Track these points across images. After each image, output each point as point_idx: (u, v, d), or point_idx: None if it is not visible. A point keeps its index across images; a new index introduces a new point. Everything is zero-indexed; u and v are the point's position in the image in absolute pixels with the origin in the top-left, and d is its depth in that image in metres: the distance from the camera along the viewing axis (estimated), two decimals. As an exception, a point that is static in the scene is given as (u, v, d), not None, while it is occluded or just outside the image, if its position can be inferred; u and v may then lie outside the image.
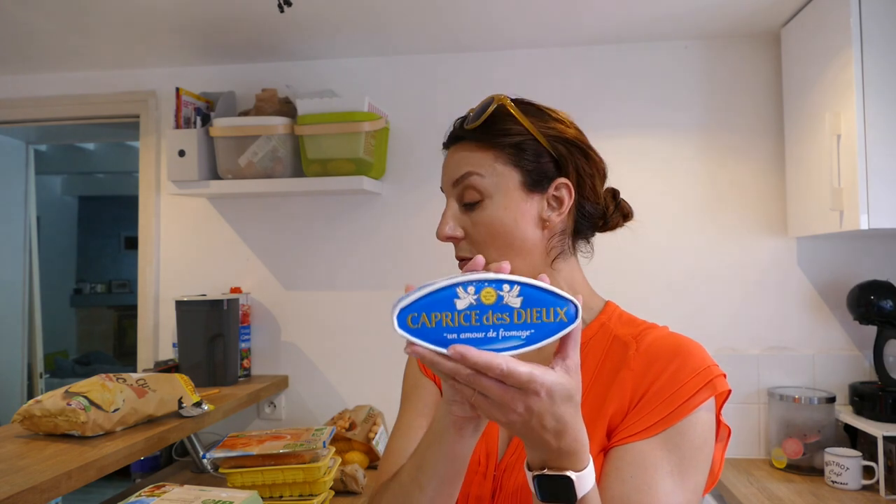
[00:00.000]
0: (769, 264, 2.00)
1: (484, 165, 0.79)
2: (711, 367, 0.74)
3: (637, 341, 0.78)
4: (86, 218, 6.24)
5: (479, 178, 0.79)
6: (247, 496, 1.25)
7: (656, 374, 0.74)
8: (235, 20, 1.87)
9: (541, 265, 0.81)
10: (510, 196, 0.79)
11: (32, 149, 3.10)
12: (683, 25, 1.94)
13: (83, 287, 6.27)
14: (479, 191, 0.79)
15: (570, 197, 0.81)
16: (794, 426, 1.81)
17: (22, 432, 1.38)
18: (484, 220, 0.79)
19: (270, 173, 1.98)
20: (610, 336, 0.81)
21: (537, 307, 0.57)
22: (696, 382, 0.72)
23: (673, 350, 0.75)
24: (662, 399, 0.72)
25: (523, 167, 0.80)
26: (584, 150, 0.83)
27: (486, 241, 0.80)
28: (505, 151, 0.80)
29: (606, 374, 0.78)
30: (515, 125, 0.80)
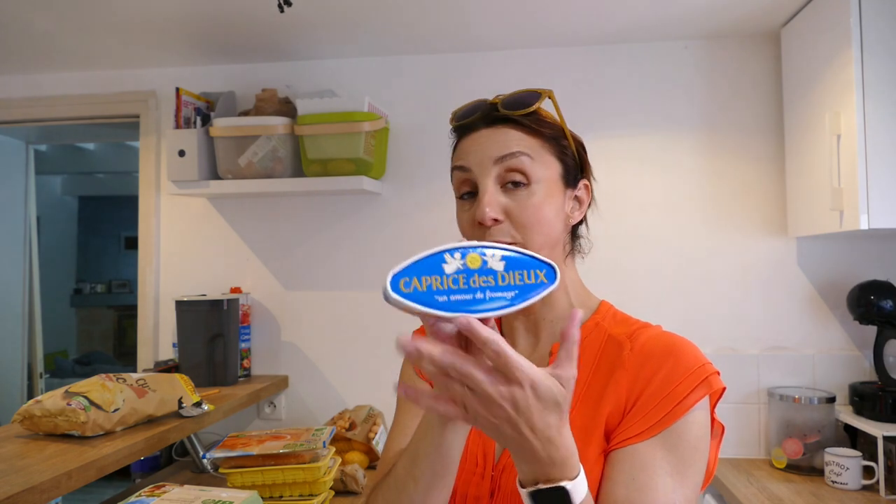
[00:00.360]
0: (769, 264, 2.00)
1: (534, 149, 0.79)
2: (705, 365, 0.74)
3: (631, 340, 0.78)
4: (86, 218, 6.24)
5: (529, 161, 0.78)
6: (247, 496, 1.25)
7: (651, 374, 0.75)
8: (235, 20, 1.87)
9: (558, 260, 0.82)
10: (553, 186, 0.80)
11: (32, 149, 3.10)
12: (683, 25, 1.94)
13: (83, 287, 6.27)
14: (526, 174, 0.78)
15: (587, 198, 0.85)
16: (794, 426, 1.81)
17: (22, 432, 1.38)
18: (532, 205, 0.77)
19: (270, 173, 1.98)
20: (604, 335, 0.81)
21: (519, 270, 0.61)
22: (690, 382, 0.73)
23: (666, 349, 0.76)
24: (658, 400, 0.73)
25: (563, 161, 0.82)
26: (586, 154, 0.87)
27: (531, 226, 0.77)
28: (549, 143, 0.81)
29: (602, 374, 0.78)
30: (553, 121, 0.83)
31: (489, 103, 0.83)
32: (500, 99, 0.82)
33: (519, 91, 0.83)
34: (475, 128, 0.82)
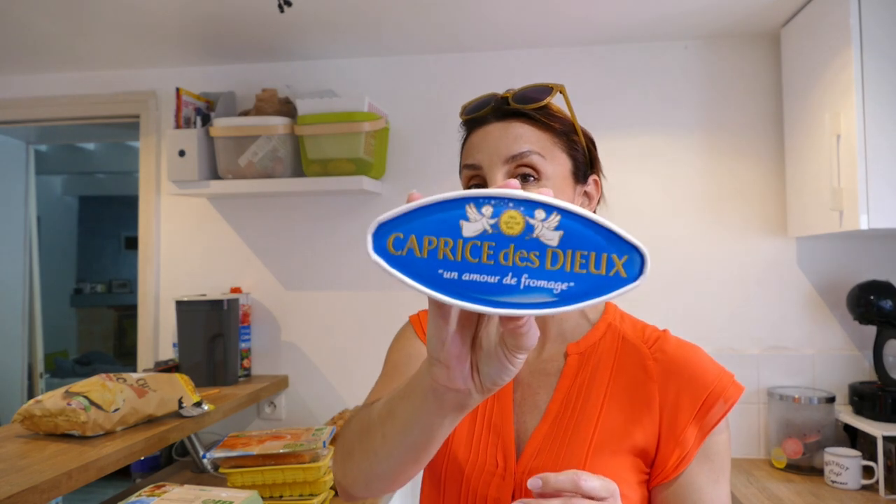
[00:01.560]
0: (769, 264, 2.00)
1: (545, 146, 0.79)
2: (724, 371, 0.77)
3: (651, 348, 0.80)
4: (86, 218, 6.24)
5: (541, 159, 0.77)
6: (247, 496, 1.25)
7: (681, 388, 0.76)
8: (235, 20, 1.87)
9: None
10: (563, 183, 0.79)
11: (32, 149, 3.10)
12: (683, 25, 1.94)
13: (83, 287, 6.27)
14: (538, 171, 0.77)
15: (597, 193, 0.84)
16: (793, 426, 1.81)
17: (22, 432, 1.38)
18: None
19: (270, 173, 1.98)
20: (619, 337, 0.81)
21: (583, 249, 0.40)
22: (716, 393, 0.75)
23: (691, 361, 0.78)
24: (692, 417, 0.75)
25: (574, 157, 0.81)
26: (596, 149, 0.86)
27: None
28: (561, 138, 0.81)
29: (625, 381, 0.78)
30: (564, 116, 0.82)
31: (500, 97, 0.82)
32: (512, 93, 0.81)
33: (530, 85, 0.82)
34: (486, 122, 0.81)
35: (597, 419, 0.75)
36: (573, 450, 0.74)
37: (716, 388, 0.75)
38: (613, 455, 0.73)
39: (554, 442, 0.76)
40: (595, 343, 0.81)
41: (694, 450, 0.74)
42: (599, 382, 0.78)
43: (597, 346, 0.80)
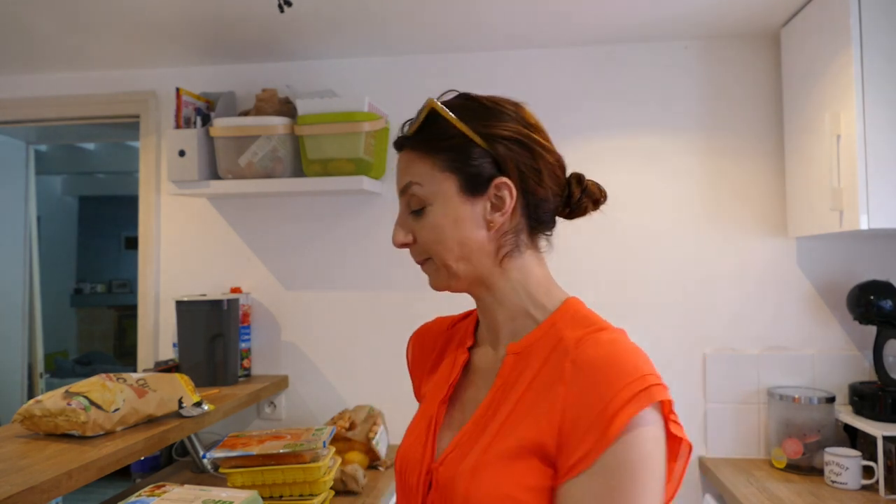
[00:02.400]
0: (769, 264, 2.00)
1: (423, 174, 0.80)
2: (646, 376, 0.68)
3: (576, 349, 0.73)
4: (86, 218, 6.24)
5: (420, 188, 0.80)
6: (247, 496, 1.25)
7: (584, 391, 0.69)
8: (235, 20, 1.87)
9: (490, 264, 0.81)
10: (450, 202, 0.79)
11: (32, 149, 3.10)
12: (683, 25, 1.94)
13: (83, 287, 6.27)
14: (420, 199, 0.80)
15: (511, 196, 0.79)
16: (793, 426, 1.81)
17: (22, 432, 1.38)
18: (427, 227, 0.80)
19: (270, 173, 1.98)
20: (556, 338, 0.77)
21: None
22: (624, 396, 0.67)
23: (604, 363, 0.70)
24: (591, 422, 0.67)
25: (461, 171, 0.79)
26: (525, 144, 0.80)
27: (431, 247, 0.81)
28: (440, 157, 0.79)
29: (544, 381, 0.74)
30: (450, 128, 0.79)
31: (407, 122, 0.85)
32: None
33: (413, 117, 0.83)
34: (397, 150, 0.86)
35: (505, 420, 0.75)
36: (478, 449, 0.74)
37: (619, 396, 0.66)
38: (514, 457, 0.71)
39: (470, 440, 0.76)
40: (532, 343, 0.78)
41: (585, 461, 0.66)
42: (521, 384, 0.76)
43: (532, 346, 0.78)
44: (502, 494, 0.69)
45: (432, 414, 0.84)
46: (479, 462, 0.73)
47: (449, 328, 0.96)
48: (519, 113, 0.83)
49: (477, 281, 0.82)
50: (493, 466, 0.71)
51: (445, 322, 0.97)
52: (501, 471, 0.71)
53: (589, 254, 2.06)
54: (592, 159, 2.07)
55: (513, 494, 0.69)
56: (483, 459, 0.72)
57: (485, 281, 0.82)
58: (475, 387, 0.84)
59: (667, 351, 2.02)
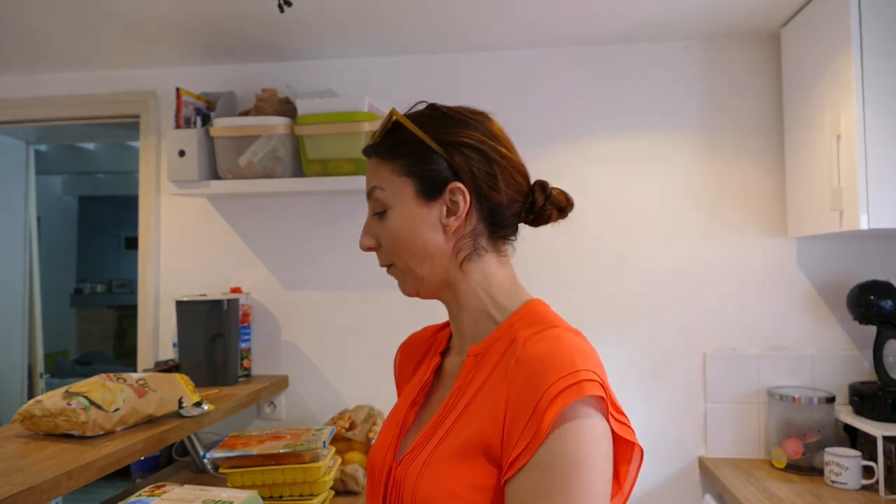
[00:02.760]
0: (769, 264, 2.00)
1: (384, 178, 0.84)
2: (579, 371, 0.68)
3: (522, 347, 0.74)
4: (86, 218, 6.24)
5: (382, 192, 0.84)
6: (247, 496, 1.25)
7: (523, 387, 0.70)
8: (235, 20, 1.87)
9: (450, 267, 0.83)
10: (407, 206, 0.82)
11: (32, 149, 3.10)
12: (683, 25, 1.94)
13: (83, 287, 6.27)
14: (382, 202, 0.84)
15: (465, 201, 0.81)
16: (793, 426, 1.81)
17: (22, 432, 1.38)
18: (387, 231, 0.84)
19: (270, 173, 1.98)
20: (511, 338, 0.77)
21: None
22: (555, 389, 0.67)
23: (539, 360, 0.70)
24: (527, 414, 0.68)
25: (417, 176, 0.82)
26: (481, 150, 0.81)
27: (392, 250, 0.84)
28: (399, 162, 0.83)
29: (494, 382, 0.75)
30: (410, 135, 0.83)
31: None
32: None
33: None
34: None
35: (456, 420, 0.76)
36: (428, 449, 0.76)
37: (550, 390, 0.67)
38: (461, 456, 0.72)
39: (428, 441, 0.77)
40: (491, 345, 0.79)
41: (523, 457, 0.67)
42: (475, 385, 0.77)
43: (491, 348, 0.79)
44: (448, 492, 0.70)
45: (401, 417, 0.86)
46: (427, 461, 0.74)
47: (432, 336, 0.97)
48: (481, 122, 0.85)
49: (442, 284, 0.84)
50: (441, 465, 0.73)
51: (430, 330, 0.99)
52: (448, 469, 0.72)
53: (589, 254, 2.06)
54: (592, 159, 2.07)
55: (458, 492, 0.70)
56: (431, 459, 0.74)
57: (449, 284, 0.84)
58: (442, 389, 0.86)
59: (667, 351, 2.02)
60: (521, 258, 0.90)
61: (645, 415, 2.01)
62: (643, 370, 2.02)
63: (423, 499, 0.72)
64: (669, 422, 2.01)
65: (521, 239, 0.88)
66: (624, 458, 0.72)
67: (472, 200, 0.81)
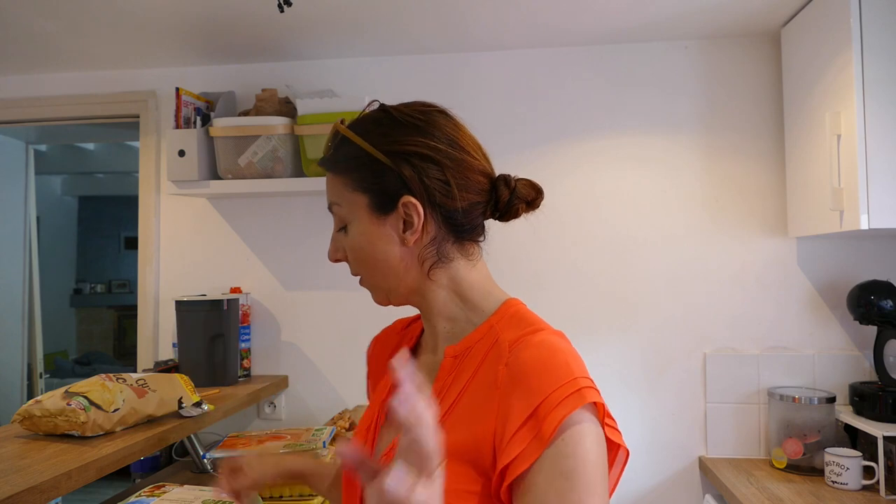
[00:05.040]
0: (769, 264, 2.00)
1: (339, 194, 0.81)
2: (578, 378, 0.69)
3: (510, 352, 0.72)
4: (86, 218, 6.24)
5: (339, 208, 0.81)
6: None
7: (518, 395, 0.69)
8: (235, 20, 1.87)
9: (418, 276, 0.80)
10: (362, 221, 0.80)
11: (32, 149, 3.10)
12: (683, 25, 1.94)
13: (83, 287, 6.27)
14: (340, 218, 0.82)
15: (418, 215, 0.77)
16: (794, 426, 1.81)
17: (22, 432, 1.38)
18: (349, 245, 0.82)
19: (270, 173, 1.98)
20: (493, 339, 0.76)
21: None
22: (556, 398, 0.67)
23: (535, 366, 0.70)
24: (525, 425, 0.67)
25: (369, 191, 0.79)
26: (430, 157, 0.78)
27: (356, 264, 0.82)
28: (350, 177, 0.80)
29: (479, 386, 0.74)
30: (357, 148, 0.80)
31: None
32: None
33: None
34: None
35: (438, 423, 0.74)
36: None
37: (551, 398, 0.67)
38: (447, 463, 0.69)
39: None
40: (471, 346, 0.78)
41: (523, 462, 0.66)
42: (456, 387, 0.75)
43: (471, 349, 0.77)
44: None
45: (374, 415, 0.85)
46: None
47: (403, 329, 0.97)
48: (433, 124, 0.81)
49: (411, 293, 0.82)
50: None
51: (401, 324, 0.98)
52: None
53: (589, 254, 2.06)
54: (592, 159, 2.07)
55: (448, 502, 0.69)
56: None
57: (418, 292, 0.82)
58: None
59: (667, 351, 2.02)
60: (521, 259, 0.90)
61: (645, 415, 2.01)
62: (643, 370, 2.02)
63: None
64: (669, 422, 2.01)
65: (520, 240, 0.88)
66: (610, 459, 0.72)
67: (428, 211, 0.78)
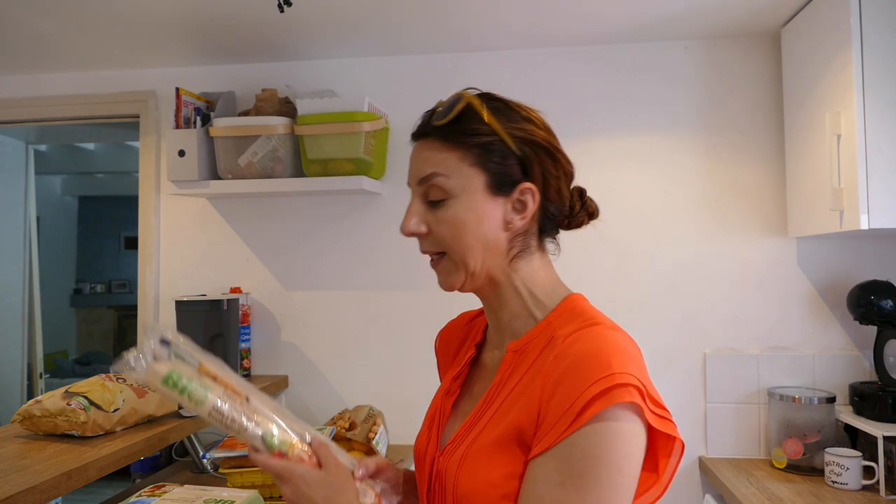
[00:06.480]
0: (769, 264, 2.00)
1: (449, 165, 0.79)
2: (614, 374, 0.68)
3: (562, 343, 0.74)
4: (86, 218, 6.24)
5: (445, 179, 0.79)
6: (248, 496, 1.25)
7: (558, 382, 0.71)
8: (235, 20, 1.87)
9: (501, 263, 0.82)
10: (474, 197, 0.79)
11: (32, 149, 3.10)
12: (683, 25, 1.94)
13: (83, 287, 6.27)
14: (444, 190, 0.80)
15: (534, 202, 0.80)
16: (794, 426, 1.81)
17: (22, 432, 1.38)
18: (447, 219, 0.80)
19: (270, 173, 1.98)
20: (550, 335, 0.78)
21: None
22: (591, 392, 0.68)
23: (579, 357, 0.71)
24: (560, 412, 0.69)
25: (489, 169, 0.79)
26: (551, 152, 0.82)
27: (447, 240, 0.80)
28: (471, 152, 0.79)
29: (533, 377, 0.76)
30: (482, 125, 0.79)
31: (428, 113, 0.85)
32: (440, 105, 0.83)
33: (450, 97, 0.83)
34: (414, 140, 0.86)
35: (494, 414, 0.78)
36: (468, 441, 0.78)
37: (585, 393, 0.68)
38: (497, 448, 0.74)
39: (468, 433, 0.79)
40: (530, 341, 0.80)
41: (548, 441, 0.69)
42: (513, 380, 0.78)
43: (530, 345, 0.80)
44: (484, 482, 0.73)
45: (438, 406, 0.89)
46: (466, 453, 0.77)
47: (468, 323, 0.98)
48: (541, 120, 0.84)
49: (487, 279, 0.82)
50: (478, 457, 0.75)
51: (467, 317, 1.00)
52: (484, 460, 0.75)
53: (589, 253, 2.06)
54: (593, 159, 2.07)
55: (494, 481, 0.73)
56: (469, 451, 0.76)
57: (493, 280, 0.82)
58: (482, 382, 0.87)
59: (667, 351, 2.01)
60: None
61: (645, 415, 2.00)
62: (643, 370, 2.02)
63: (462, 488, 0.75)
64: (669, 422, 2.00)
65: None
66: (664, 451, 0.73)
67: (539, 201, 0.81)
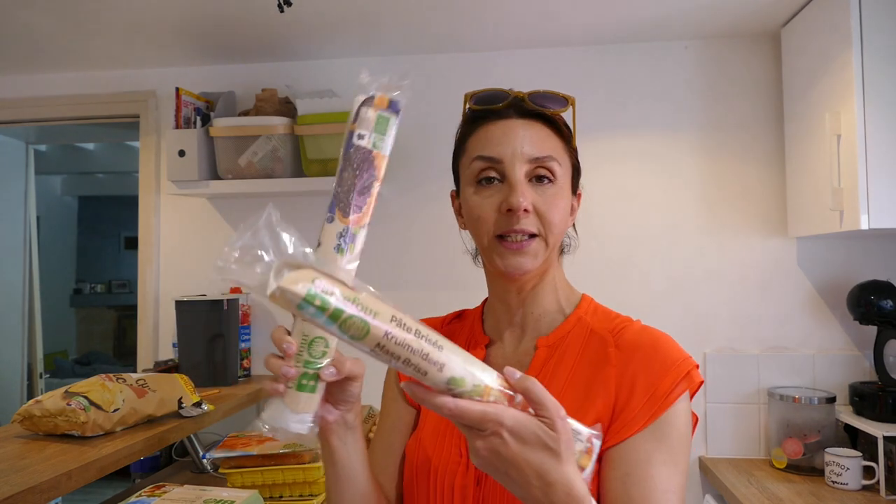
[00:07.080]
0: (769, 264, 2.00)
1: (560, 155, 0.83)
2: (687, 359, 0.77)
3: (615, 336, 0.81)
4: (86, 218, 6.24)
5: (557, 165, 0.82)
6: (248, 496, 1.25)
7: (637, 369, 0.77)
8: (235, 20, 1.87)
9: (552, 256, 0.85)
10: (566, 188, 0.84)
11: (32, 149, 3.11)
12: (683, 25, 1.94)
13: (83, 287, 6.27)
14: (554, 175, 0.82)
15: (578, 206, 0.88)
16: (794, 426, 1.81)
17: (22, 432, 1.38)
18: (556, 202, 0.82)
19: (270, 173, 1.98)
20: (587, 330, 0.84)
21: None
22: (675, 375, 0.75)
23: (651, 345, 0.78)
24: (647, 395, 0.75)
25: (574, 166, 0.87)
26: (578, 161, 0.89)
27: (553, 221, 0.81)
28: (570, 147, 0.86)
29: (586, 370, 0.80)
30: (568, 129, 0.87)
31: (515, 95, 0.84)
32: (527, 94, 0.84)
33: (545, 90, 0.84)
34: (504, 116, 0.83)
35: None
36: None
37: (676, 369, 0.76)
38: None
39: None
40: (564, 336, 0.84)
41: (641, 420, 0.74)
42: (562, 373, 0.80)
43: (564, 339, 0.83)
44: None
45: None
46: None
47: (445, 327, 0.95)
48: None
49: (543, 268, 0.85)
50: None
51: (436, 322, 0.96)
52: None
53: (589, 253, 2.05)
54: (593, 159, 2.07)
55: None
56: None
57: (544, 270, 0.85)
58: None
59: (667, 351, 2.01)
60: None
61: (645, 415, 2.00)
62: (643, 370, 2.02)
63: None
64: (669, 422, 2.01)
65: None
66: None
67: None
